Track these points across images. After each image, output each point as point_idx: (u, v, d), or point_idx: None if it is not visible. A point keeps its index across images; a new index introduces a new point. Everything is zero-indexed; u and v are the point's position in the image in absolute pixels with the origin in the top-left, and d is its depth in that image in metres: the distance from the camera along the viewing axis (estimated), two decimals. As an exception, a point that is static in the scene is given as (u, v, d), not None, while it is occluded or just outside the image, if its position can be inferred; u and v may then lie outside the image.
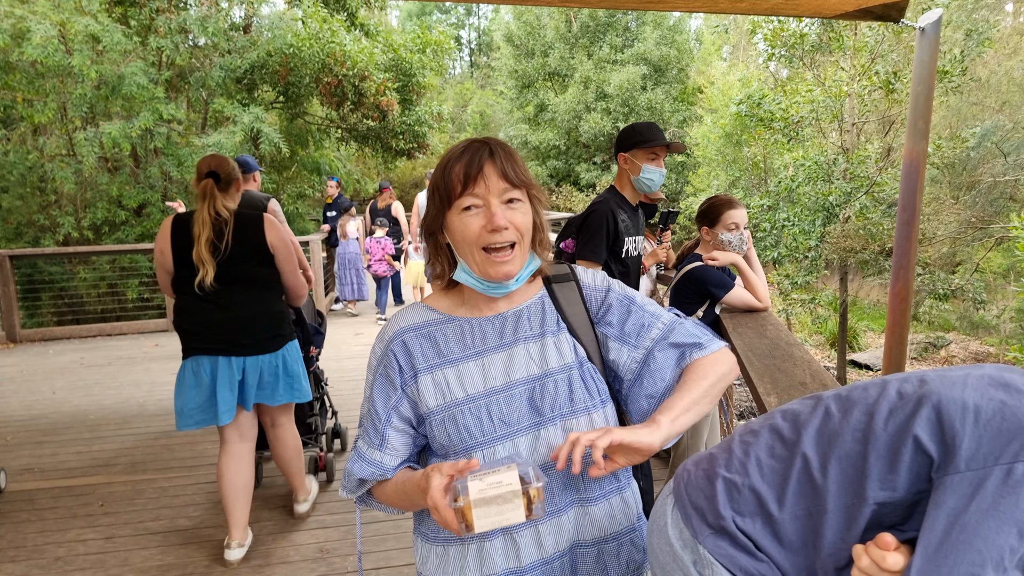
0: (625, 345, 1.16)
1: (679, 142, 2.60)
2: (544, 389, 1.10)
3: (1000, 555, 0.72)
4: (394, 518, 3.05)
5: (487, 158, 1.05)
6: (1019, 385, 0.80)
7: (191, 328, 2.60)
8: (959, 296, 10.70)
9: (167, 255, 2.58)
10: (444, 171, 1.07)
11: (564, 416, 1.10)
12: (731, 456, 1.01)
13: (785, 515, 0.91)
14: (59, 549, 2.89)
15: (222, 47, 9.70)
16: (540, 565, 1.10)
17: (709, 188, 15.25)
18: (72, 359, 6.37)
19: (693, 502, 1.01)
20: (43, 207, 9.91)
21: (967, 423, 0.78)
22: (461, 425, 1.08)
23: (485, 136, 1.12)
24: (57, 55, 7.83)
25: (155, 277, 8.89)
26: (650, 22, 20.69)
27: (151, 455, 3.92)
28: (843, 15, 3.00)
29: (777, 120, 10.01)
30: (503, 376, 1.11)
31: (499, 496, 0.88)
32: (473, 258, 1.08)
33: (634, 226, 2.73)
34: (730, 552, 0.94)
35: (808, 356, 2.16)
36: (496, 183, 1.04)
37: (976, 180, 11.43)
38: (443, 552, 1.14)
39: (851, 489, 0.86)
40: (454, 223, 1.07)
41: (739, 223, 2.73)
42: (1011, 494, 0.72)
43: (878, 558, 0.79)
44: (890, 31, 9.07)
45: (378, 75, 9.92)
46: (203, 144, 9.10)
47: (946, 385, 0.84)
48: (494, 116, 26.23)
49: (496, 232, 1.04)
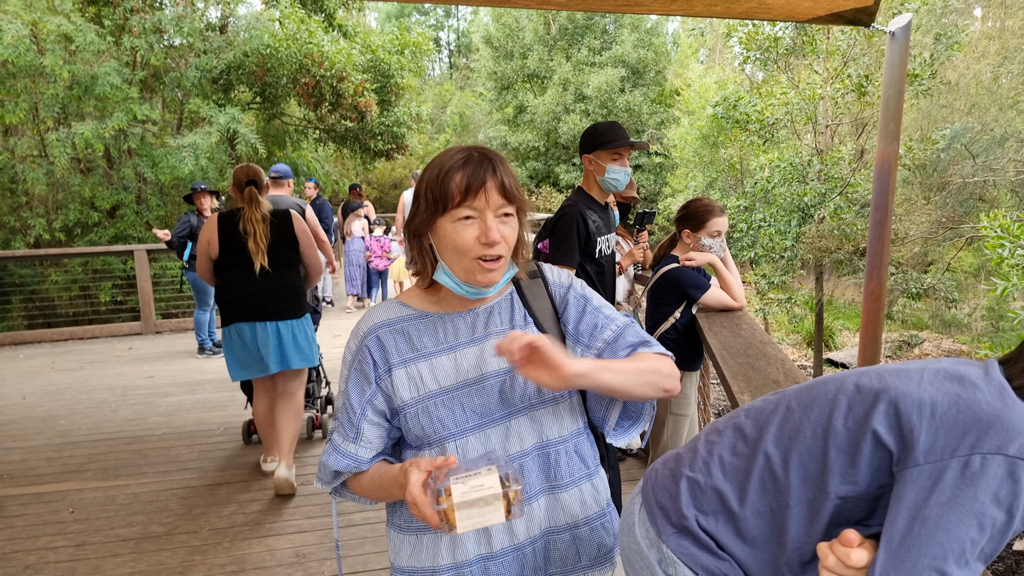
0: (578, 344, 1.20)
1: (642, 141, 2.62)
2: (514, 381, 1.13)
3: (962, 547, 0.74)
4: (371, 521, 3.03)
5: (490, 173, 1.07)
6: (973, 378, 0.82)
7: (233, 300, 3.27)
8: (931, 295, 10.90)
9: (214, 244, 3.24)
10: (441, 178, 1.08)
11: (533, 407, 1.14)
12: (696, 456, 1.02)
13: (747, 512, 0.92)
14: (28, 557, 2.83)
15: (198, 47, 9.58)
16: (512, 551, 1.13)
17: (687, 189, 15.37)
18: (43, 363, 6.24)
19: (658, 501, 1.03)
20: (14, 209, 9.72)
21: (924, 417, 0.80)
22: (435, 417, 1.11)
23: (481, 146, 1.14)
24: (29, 55, 7.70)
25: (129, 280, 8.77)
26: (628, 25, 20.83)
27: (123, 460, 3.85)
28: (815, 19, 3.05)
29: (753, 122, 10.13)
30: (475, 369, 1.14)
31: (480, 499, 0.92)
32: (461, 264, 1.10)
33: (605, 225, 2.74)
34: (692, 551, 0.96)
35: (782, 355, 2.19)
36: (495, 198, 1.07)
37: (946, 181, 11.66)
38: (416, 541, 1.17)
39: (813, 484, 0.88)
40: (446, 229, 1.09)
41: (722, 231, 2.76)
42: (969, 486, 0.74)
43: (843, 555, 0.81)
44: (861, 35, 9.23)
45: (356, 76, 9.87)
46: (178, 145, 8.98)
47: (903, 380, 0.85)
48: (473, 117, 26.20)
49: (490, 245, 1.07)
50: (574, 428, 1.19)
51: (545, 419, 1.15)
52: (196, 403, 4.89)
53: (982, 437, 0.75)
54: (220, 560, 2.77)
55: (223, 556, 2.79)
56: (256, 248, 3.20)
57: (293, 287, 3.39)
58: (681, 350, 2.80)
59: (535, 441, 1.14)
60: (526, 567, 1.15)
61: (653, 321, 2.89)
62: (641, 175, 19.83)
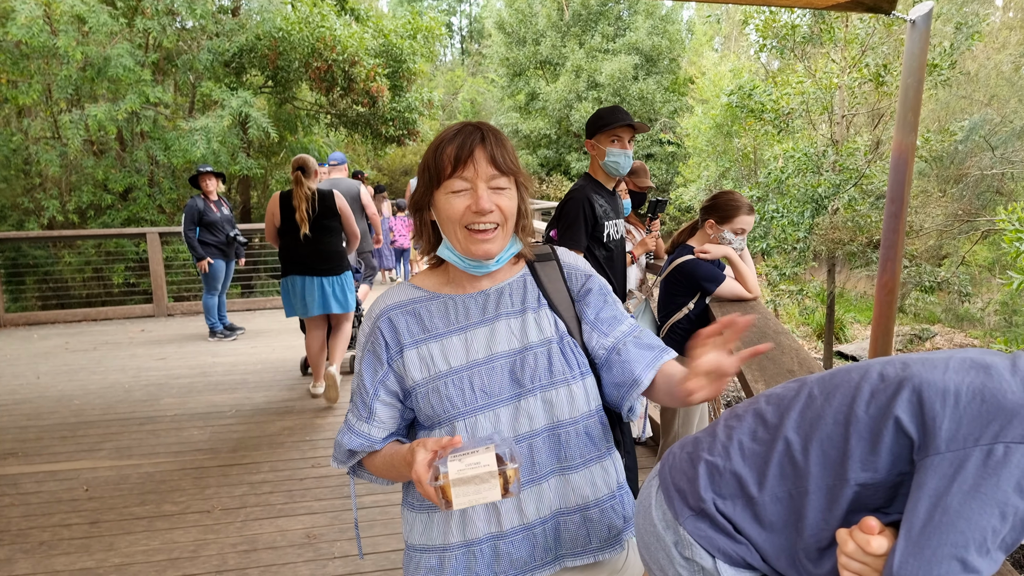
0: (595, 331, 1.22)
1: (640, 122, 2.61)
2: (524, 362, 1.15)
3: (983, 536, 0.73)
4: (381, 504, 3.06)
5: (478, 143, 1.09)
6: (999, 368, 0.81)
7: (288, 258, 4.28)
8: (945, 289, 10.80)
9: (277, 216, 4.23)
10: (436, 151, 1.11)
11: (544, 387, 1.14)
12: (715, 440, 1.02)
13: (766, 496, 0.92)
14: (43, 533, 2.88)
15: (210, 30, 9.57)
16: (521, 531, 1.14)
17: (699, 179, 15.27)
18: (57, 344, 6.31)
19: (676, 484, 1.02)
20: (27, 190, 9.80)
21: (947, 405, 0.79)
22: (444, 396, 1.12)
23: (479, 121, 1.15)
24: (42, 36, 7.71)
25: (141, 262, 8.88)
26: (642, 11, 20.59)
27: (136, 440, 3.90)
28: (835, 6, 3.00)
29: (767, 111, 10.02)
30: (485, 349, 1.15)
31: (476, 476, 0.94)
32: (456, 236, 1.12)
33: (613, 210, 2.74)
34: (709, 534, 0.95)
35: (796, 344, 2.18)
36: (485, 168, 1.09)
37: (964, 173, 11.51)
38: (427, 519, 1.19)
39: (833, 471, 0.87)
40: (441, 202, 1.12)
41: (747, 229, 2.74)
42: (992, 475, 0.73)
43: (863, 542, 0.80)
44: (881, 23, 9.09)
45: (368, 61, 9.83)
46: (190, 128, 9.00)
47: (927, 368, 0.84)
48: (485, 104, 26.07)
49: (480, 214, 1.08)
50: (586, 410, 1.18)
51: (557, 400, 1.15)
52: (208, 385, 4.93)
53: (1006, 426, 0.74)
54: (232, 539, 2.80)
55: (235, 535, 2.83)
56: (301, 219, 4.15)
57: (334, 251, 4.35)
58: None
59: (546, 422, 1.14)
60: (536, 547, 1.15)
61: (666, 311, 2.87)
62: (653, 164, 19.70)
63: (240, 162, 10.05)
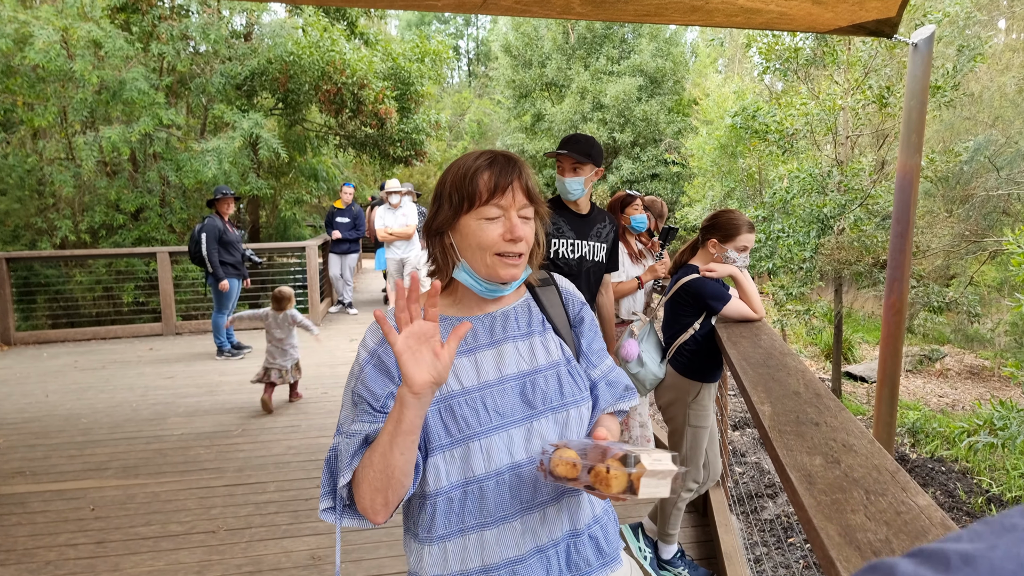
0: (585, 360, 1.28)
1: (560, 152, 2.68)
2: (535, 384, 1.17)
3: None
4: (386, 526, 3.05)
5: (515, 174, 1.13)
6: None
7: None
8: (953, 309, 10.73)
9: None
10: (467, 178, 1.12)
11: (555, 409, 1.16)
12: None
13: None
14: (49, 553, 2.88)
15: (223, 54, 9.73)
16: (535, 553, 1.14)
17: (704, 199, 15.31)
18: (66, 362, 6.35)
19: None
20: (41, 210, 9.91)
21: None
22: (459, 416, 1.11)
23: (502, 150, 1.19)
24: (59, 60, 7.86)
25: (151, 281, 8.99)
26: (646, 35, 20.81)
27: (143, 459, 3.91)
28: (837, 30, 3.04)
29: (772, 132, 10.07)
30: (495, 371, 1.17)
31: (661, 472, 0.98)
32: (484, 261, 1.13)
33: (571, 229, 2.79)
34: None
35: (801, 365, 2.18)
36: (520, 198, 1.13)
37: (969, 194, 11.49)
38: (441, 549, 1.12)
39: None
40: (470, 227, 1.13)
41: (749, 247, 2.76)
42: None
43: None
44: (883, 46, 9.16)
45: (377, 83, 9.97)
46: (202, 149, 9.12)
47: None
48: (491, 125, 26.30)
49: (514, 242, 1.12)
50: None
51: (569, 421, 1.16)
52: (215, 405, 4.94)
53: None
54: (237, 560, 2.80)
55: (240, 556, 2.82)
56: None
57: None
58: (700, 361, 2.79)
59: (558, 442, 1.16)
60: (551, 570, 1.14)
61: (671, 331, 2.87)
62: (658, 184, 19.77)
63: (250, 182, 10.16)
